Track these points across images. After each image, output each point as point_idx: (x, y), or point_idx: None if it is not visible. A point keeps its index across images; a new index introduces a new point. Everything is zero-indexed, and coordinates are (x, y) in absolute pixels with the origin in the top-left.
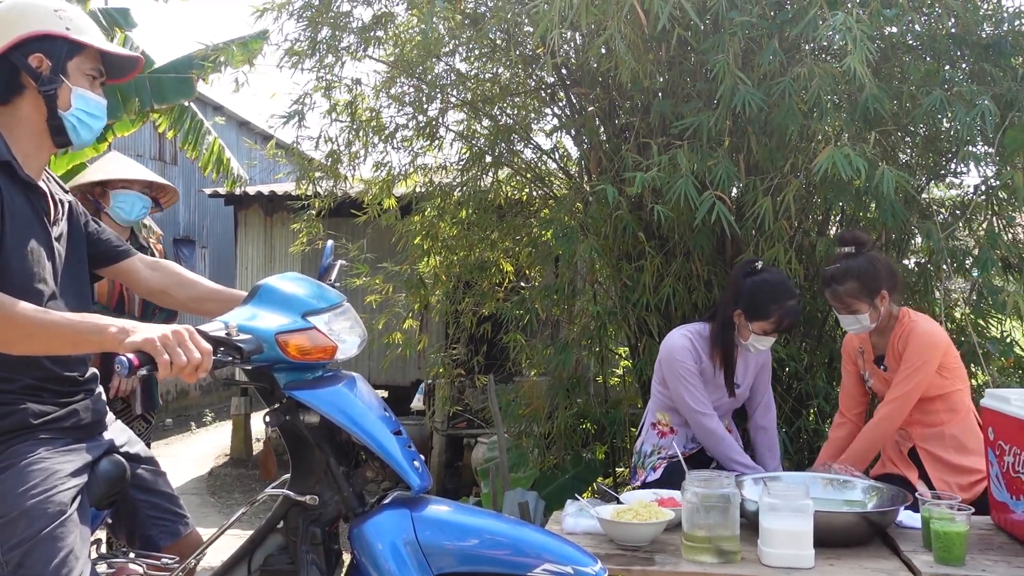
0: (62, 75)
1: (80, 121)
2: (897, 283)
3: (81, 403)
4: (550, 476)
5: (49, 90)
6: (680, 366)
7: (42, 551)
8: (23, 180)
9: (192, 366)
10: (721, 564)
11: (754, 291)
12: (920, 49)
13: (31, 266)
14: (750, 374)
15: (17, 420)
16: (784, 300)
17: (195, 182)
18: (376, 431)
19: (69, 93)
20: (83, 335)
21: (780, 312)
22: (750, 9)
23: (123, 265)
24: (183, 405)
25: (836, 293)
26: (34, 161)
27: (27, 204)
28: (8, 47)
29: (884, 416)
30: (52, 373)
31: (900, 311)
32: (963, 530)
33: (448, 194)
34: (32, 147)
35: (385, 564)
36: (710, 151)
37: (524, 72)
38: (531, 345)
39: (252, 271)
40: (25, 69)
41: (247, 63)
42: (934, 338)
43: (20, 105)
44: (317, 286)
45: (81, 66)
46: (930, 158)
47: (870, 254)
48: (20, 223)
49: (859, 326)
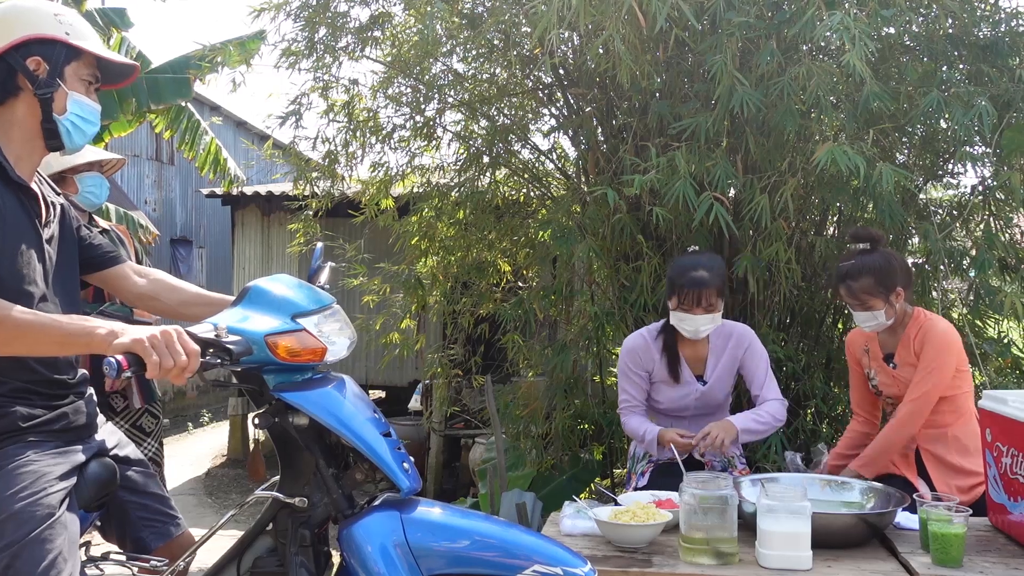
0: (59, 79)
1: (75, 126)
2: (911, 280)
3: (71, 406)
4: (548, 477)
5: (45, 94)
6: (622, 363)
7: (31, 554)
8: (15, 182)
9: (179, 367)
10: (719, 566)
11: (669, 271)
12: (918, 50)
13: (21, 268)
14: (722, 368)
15: (6, 423)
16: (688, 272)
17: (192, 182)
18: (365, 433)
19: (65, 98)
20: (71, 336)
21: (682, 282)
22: (748, 10)
23: (112, 271)
24: (180, 406)
25: (851, 289)
26: (26, 164)
27: (19, 206)
28: (6, 48)
29: (904, 417)
30: (41, 376)
31: (915, 310)
32: (961, 532)
33: (446, 194)
34: (24, 150)
35: (374, 566)
36: (708, 152)
37: (521, 72)
38: (529, 346)
39: (249, 271)
40: (22, 71)
41: (244, 63)
42: (951, 339)
43: (14, 107)
44: (307, 288)
45: (78, 71)
46: (927, 158)
47: (886, 251)
48: (11, 225)
49: (875, 323)
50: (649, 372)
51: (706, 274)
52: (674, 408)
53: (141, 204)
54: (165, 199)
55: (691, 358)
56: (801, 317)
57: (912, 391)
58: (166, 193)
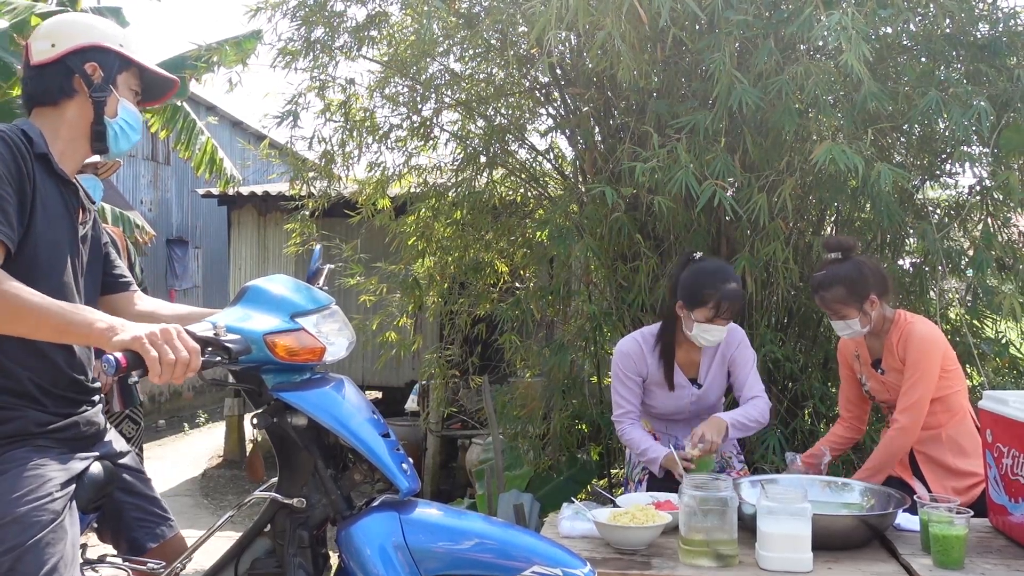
0: (112, 86)
1: (122, 131)
2: (887, 287)
3: (83, 416)
4: (545, 477)
5: (100, 97)
6: (616, 368)
7: (33, 557)
8: (57, 174)
9: (182, 364)
10: (719, 568)
11: (691, 279)
12: (915, 49)
13: (59, 257)
14: (715, 370)
15: (16, 427)
16: (720, 284)
17: (188, 182)
18: (364, 433)
19: (117, 103)
20: (71, 324)
21: (717, 296)
22: (746, 8)
23: (123, 296)
24: (176, 406)
25: (824, 300)
26: (69, 162)
27: (60, 197)
28: (69, 52)
29: (901, 428)
30: (59, 374)
31: (895, 313)
32: (962, 533)
33: (443, 194)
34: (69, 148)
35: (373, 567)
36: (707, 147)
37: (519, 72)
38: (526, 346)
39: (245, 271)
40: (81, 74)
41: (240, 63)
42: (933, 339)
43: (67, 107)
44: (305, 288)
45: (128, 81)
46: (925, 158)
47: (857, 259)
48: (52, 214)
49: (851, 331)
50: (643, 377)
51: (738, 286)
52: (669, 412)
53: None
54: (161, 199)
55: (685, 362)
56: (799, 317)
57: (902, 401)
58: (162, 193)
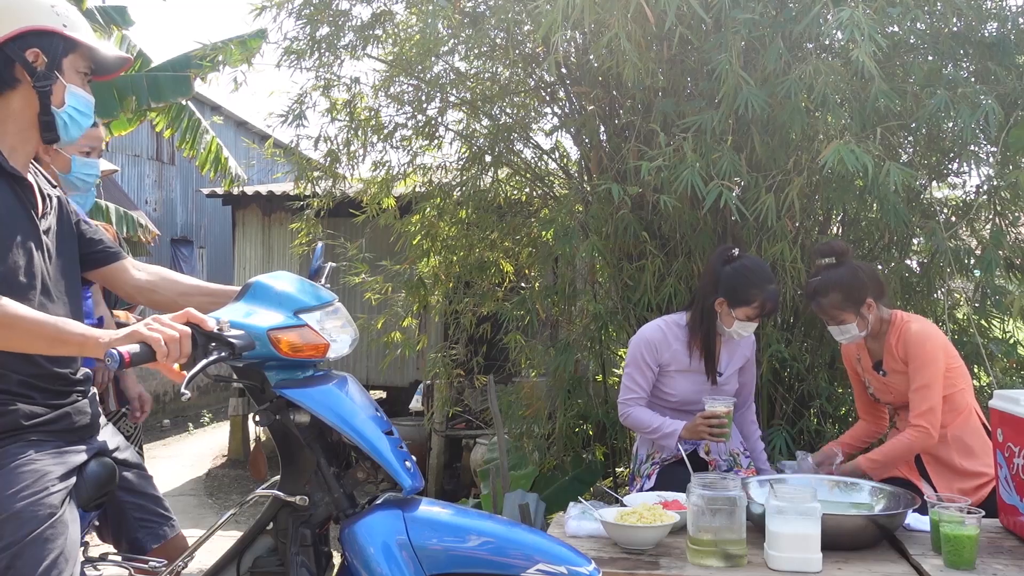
0: (57, 72)
1: (71, 119)
2: (883, 289)
3: (73, 406)
4: (550, 477)
5: (44, 86)
6: (636, 353)
7: (32, 553)
8: (9, 173)
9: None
10: (727, 568)
11: (735, 278)
12: (923, 48)
13: (17, 260)
14: (734, 364)
15: (7, 422)
16: (764, 284)
17: (193, 182)
18: (367, 431)
19: (63, 91)
20: (65, 335)
21: (762, 296)
22: (753, 7)
23: (113, 267)
24: (180, 406)
25: (821, 306)
26: (20, 155)
27: (13, 197)
28: (5, 39)
29: (923, 432)
30: (42, 370)
31: (892, 314)
32: (973, 533)
33: (448, 194)
34: (19, 141)
35: (377, 565)
36: (714, 146)
37: (524, 71)
38: (531, 346)
39: (250, 271)
40: (22, 63)
41: (245, 62)
42: (932, 338)
43: (11, 99)
44: (309, 284)
45: (75, 64)
46: (932, 157)
47: (852, 263)
48: (5, 215)
49: (848, 336)
50: (660, 365)
51: (776, 286)
52: (686, 401)
53: (141, 204)
54: (166, 199)
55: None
56: (805, 317)
57: (914, 410)
58: (167, 193)
